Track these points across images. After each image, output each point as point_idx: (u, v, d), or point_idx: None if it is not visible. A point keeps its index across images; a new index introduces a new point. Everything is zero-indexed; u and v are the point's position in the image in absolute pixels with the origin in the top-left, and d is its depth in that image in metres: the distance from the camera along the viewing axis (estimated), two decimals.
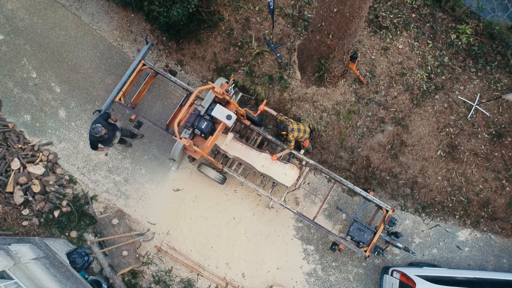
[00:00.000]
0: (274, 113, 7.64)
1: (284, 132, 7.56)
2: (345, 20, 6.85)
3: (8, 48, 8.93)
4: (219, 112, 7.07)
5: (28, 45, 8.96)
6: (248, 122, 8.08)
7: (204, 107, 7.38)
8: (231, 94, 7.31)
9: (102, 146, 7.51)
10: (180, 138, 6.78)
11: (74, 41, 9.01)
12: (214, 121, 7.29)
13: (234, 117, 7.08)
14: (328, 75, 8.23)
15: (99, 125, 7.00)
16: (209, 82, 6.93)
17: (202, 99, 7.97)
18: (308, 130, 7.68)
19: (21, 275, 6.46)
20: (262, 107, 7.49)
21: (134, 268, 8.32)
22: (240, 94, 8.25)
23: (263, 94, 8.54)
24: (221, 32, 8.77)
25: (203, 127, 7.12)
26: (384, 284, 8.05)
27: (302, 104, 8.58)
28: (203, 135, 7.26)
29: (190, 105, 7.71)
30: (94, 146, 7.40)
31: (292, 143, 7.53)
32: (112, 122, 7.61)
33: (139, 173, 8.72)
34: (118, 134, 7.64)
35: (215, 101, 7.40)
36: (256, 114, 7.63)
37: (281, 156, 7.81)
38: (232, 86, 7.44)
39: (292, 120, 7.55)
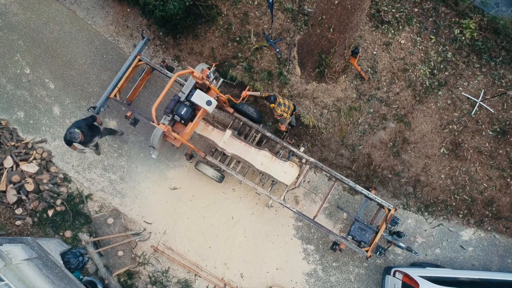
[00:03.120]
0: (258, 93, 7.54)
1: (272, 105, 7.32)
2: (346, 12, 6.72)
3: (1, 43, 8.79)
4: (198, 97, 6.93)
5: (22, 41, 8.81)
6: (231, 110, 7.93)
7: (184, 93, 7.25)
8: (211, 80, 7.20)
9: (76, 146, 7.50)
10: (158, 124, 6.65)
11: (68, 36, 8.87)
12: (194, 107, 7.17)
13: (214, 103, 6.96)
14: (329, 70, 8.11)
15: (78, 131, 6.96)
16: (188, 67, 6.81)
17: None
18: (292, 107, 7.55)
19: (12, 277, 6.31)
20: (245, 93, 7.39)
21: (130, 268, 8.23)
22: (221, 80, 8.07)
23: (262, 90, 8.42)
24: (219, 27, 8.63)
25: (182, 113, 7.02)
26: (386, 285, 7.97)
27: (302, 101, 8.45)
28: (183, 121, 7.15)
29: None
30: (68, 144, 7.36)
31: (287, 115, 7.39)
32: (97, 125, 7.56)
33: (135, 171, 8.59)
34: (96, 139, 7.64)
35: (196, 87, 7.27)
36: (239, 100, 7.52)
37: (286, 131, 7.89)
38: (212, 71, 7.32)
39: (277, 95, 7.42)
